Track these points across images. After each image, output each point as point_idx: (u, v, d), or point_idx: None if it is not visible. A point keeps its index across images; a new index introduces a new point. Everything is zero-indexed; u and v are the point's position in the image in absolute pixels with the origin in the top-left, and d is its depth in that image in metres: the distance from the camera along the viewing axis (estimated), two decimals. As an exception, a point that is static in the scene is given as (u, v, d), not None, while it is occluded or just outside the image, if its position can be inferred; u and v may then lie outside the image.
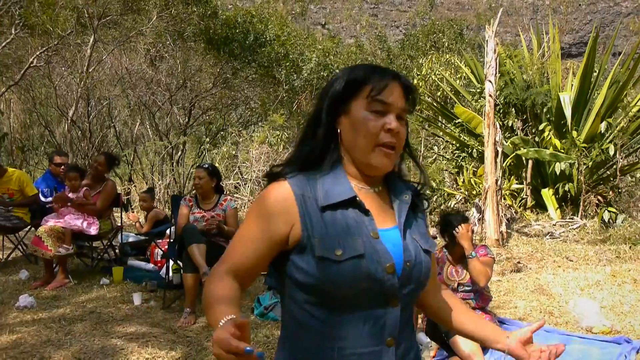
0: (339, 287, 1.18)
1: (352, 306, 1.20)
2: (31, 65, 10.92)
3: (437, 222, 3.81)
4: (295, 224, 1.21)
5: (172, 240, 5.24)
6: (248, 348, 0.96)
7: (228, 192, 10.18)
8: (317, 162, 1.28)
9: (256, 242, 1.24)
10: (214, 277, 1.25)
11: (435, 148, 12.40)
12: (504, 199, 8.14)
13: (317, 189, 1.24)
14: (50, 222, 5.18)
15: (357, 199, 1.24)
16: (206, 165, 4.94)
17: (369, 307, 1.21)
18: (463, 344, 3.24)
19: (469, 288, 3.64)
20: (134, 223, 7.09)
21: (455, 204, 9.30)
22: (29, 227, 6.12)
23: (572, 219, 8.46)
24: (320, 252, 1.18)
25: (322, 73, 14.43)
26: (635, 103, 9.65)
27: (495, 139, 7.38)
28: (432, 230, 8.16)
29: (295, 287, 1.24)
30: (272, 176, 1.30)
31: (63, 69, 12.33)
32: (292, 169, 1.28)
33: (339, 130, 1.28)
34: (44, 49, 10.93)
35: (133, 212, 8.21)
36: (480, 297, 3.69)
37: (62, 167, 6.19)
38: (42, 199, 5.94)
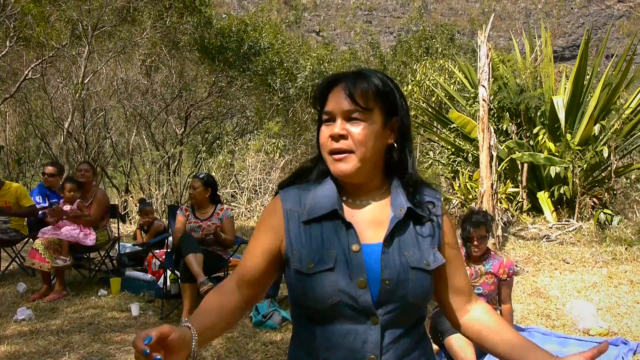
0: (312, 300, 1.21)
1: (332, 320, 1.21)
2: (26, 77, 10.94)
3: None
4: (283, 238, 1.27)
5: (169, 250, 5.24)
6: (146, 350, 1.02)
7: (225, 201, 10.19)
8: (308, 174, 1.33)
9: (256, 255, 1.31)
10: (217, 286, 1.36)
11: (431, 153, 12.44)
12: (500, 202, 8.17)
13: (305, 202, 1.27)
14: (47, 234, 5.18)
15: (339, 212, 1.23)
16: (201, 176, 4.95)
17: (348, 322, 1.20)
18: (456, 346, 3.22)
19: (478, 292, 3.66)
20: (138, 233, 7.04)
21: (451, 208, 9.32)
22: (26, 239, 6.12)
23: (568, 221, 8.49)
24: (295, 265, 1.24)
25: (317, 81, 14.49)
26: (628, 105, 9.71)
27: (490, 143, 7.42)
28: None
29: (289, 298, 1.30)
30: (279, 187, 1.36)
31: (58, 80, 12.35)
32: (288, 182, 1.35)
33: None
34: (39, 61, 10.95)
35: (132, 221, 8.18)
36: (491, 305, 3.71)
37: (46, 176, 6.23)
38: (36, 206, 5.96)
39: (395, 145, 1.28)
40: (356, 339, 1.19)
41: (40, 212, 5.91)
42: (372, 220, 1.27)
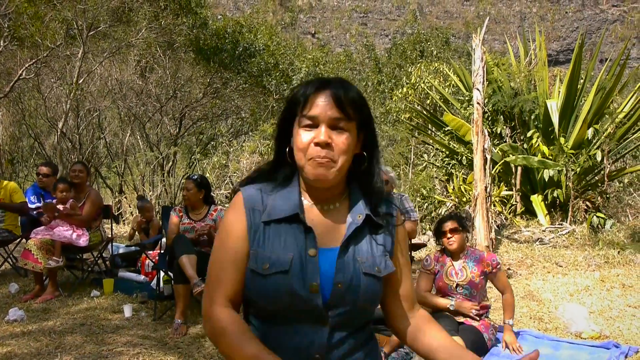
0: (265, 301, 1.23)
1: (283, 320, 1.24)
2: (20, 77, 10.90)
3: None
4: (248, 238, 1.28)
5: (162, 251, 5.23)
6: None
7: (219, 202, 10.18)
8: (271, 175, 1.34)
9: (236, 262, 1.27)
10: (223, 317, 1.24)
11: (425, 156, 12.48)
12: (494, 205, 8.20)
13: (267, 202, 1.29)
14: (40, 235, 5.15)
15: (300, 216, 1.25)
16: (195, 177, 4.95)
17: (298, 322, 1.23)
18: None
19: (467, 291, 3.69)
20: (136, 229, 6.96)
21: (445, 211, 9.34)
22: (18, 239, 6.09)
23: (561, 224, 8.53)
24: (251, 265, 1.25)
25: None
26: (622, 109, 9.77)
27: (484, 146, 7.44)
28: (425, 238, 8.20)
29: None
30: (240, 184, 1.37)
31: (52, 80, 12.31)
32: (248, 181, 1.36)
33: (290, 149, 1.30)
34: (33, 61, 10.91)
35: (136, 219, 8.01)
36: (477, 303, 3.73)
37: (40, 176, 6.21)
38: (30, 206, 5.93)
39: (366, 154, 1.30)
40: (304, 339, 1.23)
41: (35, 212, 5.88)
42: (331, 225, 1.29)
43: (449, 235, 3.74)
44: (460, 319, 3.66)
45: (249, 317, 1.32)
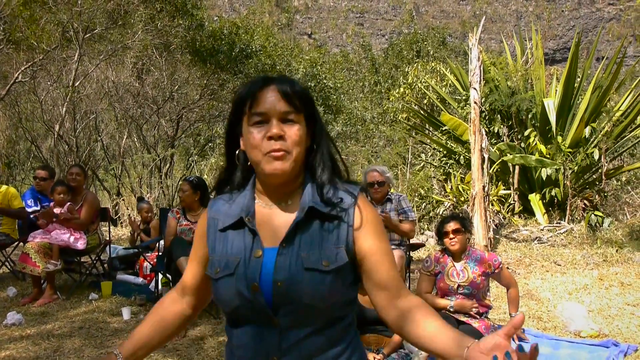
0: (221, 303, 1.29)
1: (240, 321, 1.27)
2: (16, 80, 10.87)
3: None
4: (207, 245, 1.35)
5: (160, 254, 5.22)
6: None
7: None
8: (227, 183, 1.37)
9: (193, 262, 1.41)
10: (160, 299, 1.46)
11: (423, 155, 12.48)
12: (492, 204, 8.21)
13: (225, 210, 1.33)
14: (38, 239, 5.14)
15: (244, 219, 1.27)
16: (191, 178, 4.96)
17: (253, 323, 1.25)
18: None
19: (468, 291, 3.69)
20: (136, 232, 6.92)
21: (443, 210, 9.35)
22: (16, 243, 6.07)
23: (559, 223, 8.54)
24: (207, 271, 1.32)
25: (309, 83, 14.49)
26: (619, 107, 9.79)
27: (481, 145, 7.45)
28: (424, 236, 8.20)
29: None
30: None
31: (49, 83, 12.28)
32: (216, 193, 1.41)
33: (240, 151, 1.32)
34: (29, 64, 10.88)
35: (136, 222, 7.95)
36: (478, 303, 3.73)
37: (38, 180, 6.19)
38: (28, 209, 5.92)
39: (315, 147, 1.30)
40: (259, 340, 1.24)
41: (32, 216, 5.86)
42: (282, 222, 1.28)
43: (451, 235, 3.74)
44: (461, 317, 3.65)
45: (225, 320, 1.38)
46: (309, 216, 1.25)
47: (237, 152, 1.32)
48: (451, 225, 3.75)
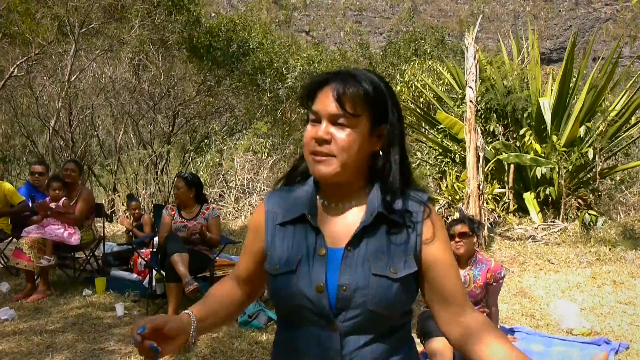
0: (278, 301, 1.26)
1: (298, 323, 1.23)
2: (12, 75, 10.83)
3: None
4: (264, 238, 1.30)
5: (154, 250, 5.22)
6: (135, 339, 1.11)
7: (213, 201, 10.16)
8: (296, 175, 1.35)
9: (246, 255, 1.38)
10: (220, 281, 1.45)
11: (419, 154, 12.48)
12: (487, 203, 8.22)
13: (284, 204, 1.29)
14: (32, 234, 5.13)
15: (307, 216, 1.23)
16: (185, 175, 4.96)
17: (312, 326, 1.20)
18: (434, 348, 3.20)
19: (472, 300, 3.67)
20: (129, 229, 6.91)
21: (439, 209, 9.36)
22: (9, 238, 6.06)
23: (553, 222, 8.56)
24: (266, 266, 1.28)
25: (306, 79, 14.45)
26: (613, 107, 9.82)
27: (476, 144, 7.47)
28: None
29: None
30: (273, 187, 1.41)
31: (45, 78, 12.24)
32: (280, 181, 1.38)
33: None
34: (25, 58, 10.84)
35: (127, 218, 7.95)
36: (477, 308, 3.73)
37: (36, 175, 6.17)
38: None
39: (381, 153, 1.24)
40: (318, 344, 1.20)
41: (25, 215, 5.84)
42: (345, 224, 1.24)
43: (457, 239, 3.61)
44: None
45: (278, 322, 1.35)
46: (377, 221, 1.22)
47: None
48: (458, 228, 3.62)
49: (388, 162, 1.24)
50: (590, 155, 8.74)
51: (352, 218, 1.25)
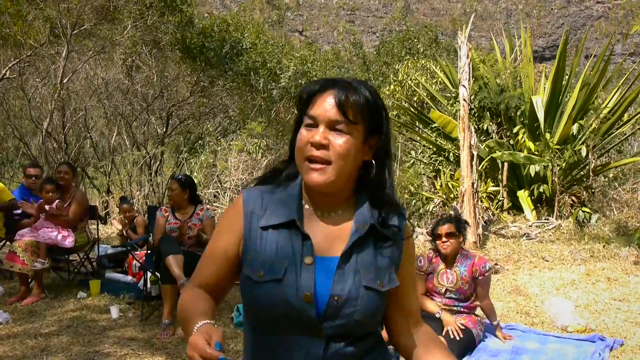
0: (259, 309, 1.20)
1: (277, 330, 1.20)
2: (4, 77, 10.77)
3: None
4: (241, 240, 1.25)
5: (149, 252, 5.20)
6: (222, 357, 1.02)
7: (207, 201, 10.14)
8: (278, 176, 1.30)
9: (216, 258, 1.29)
10: (187, 291, 1.31)
11: (413, 152, 12.50)
12: (481, 201, 8.25)
13: (266, 206, 1.25)
14: (25, 237, 5.11)
15: (297, 222, 1.21)
16: (179, 176, 4.95)
17: (293, 334, 1.18)
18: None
19: (455, 296, 3.71)
20: (123, 231, 6.87)
21: (433, 207, 9.39)
22: (3, 242, 6.02)
23: (547, 219, 8.60)
24: (246, 271, 1.23)
25: (300, 81, 14.45)
26: (606, 105, 9.87)
27: (470, 142, 7.49)
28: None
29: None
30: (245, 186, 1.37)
31: (37, 80, 12.17)
32: (257, 183, 1.33)
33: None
34: (17, 60, 10.79)
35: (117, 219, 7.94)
36: (465, 306, 3.76)
37: (33, 178, 6.13)
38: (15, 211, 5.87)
39: (374, 163, 1.24)
40: (299, 350, 1.18)
41: (16, 217, 5.81)
42: (332, 232, 1.24)
43: (444, 239, 3.69)
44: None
45: (248, 327, 1.29)
46: (367, 233, 1.23)
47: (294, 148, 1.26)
48: (445, 228, 3.70)
49: (383, 172, 1.25)
50: (584, 153, 8.78)
51: (338, 227, 1.25)
